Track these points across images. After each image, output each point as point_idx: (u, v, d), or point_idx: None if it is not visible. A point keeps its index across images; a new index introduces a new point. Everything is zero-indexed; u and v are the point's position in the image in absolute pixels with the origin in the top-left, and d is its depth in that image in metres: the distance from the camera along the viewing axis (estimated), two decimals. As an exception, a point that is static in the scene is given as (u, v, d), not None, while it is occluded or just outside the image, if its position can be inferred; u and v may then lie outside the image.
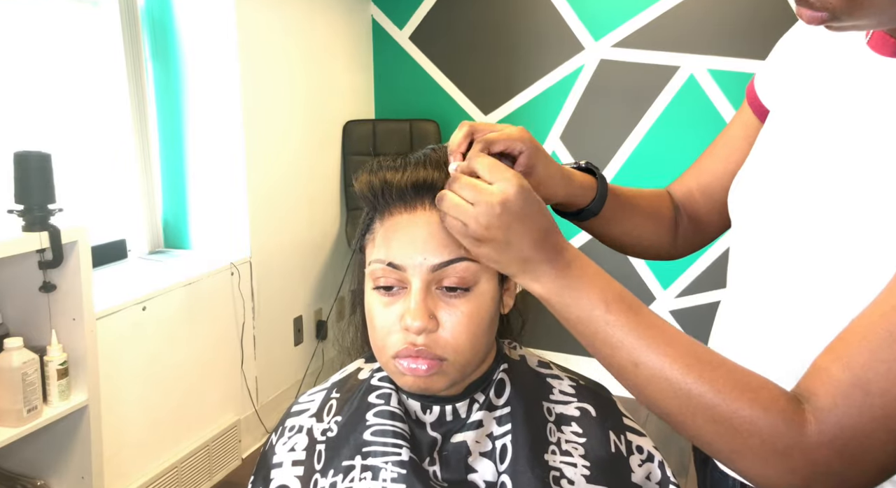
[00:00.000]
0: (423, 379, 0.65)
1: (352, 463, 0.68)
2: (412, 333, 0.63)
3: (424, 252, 0.63)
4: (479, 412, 0.70)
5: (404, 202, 0.65)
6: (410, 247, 0.64)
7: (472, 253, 0.61)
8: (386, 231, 0.66)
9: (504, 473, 0.67)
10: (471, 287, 0.65)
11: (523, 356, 0.78)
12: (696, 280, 2.78)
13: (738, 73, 2.57)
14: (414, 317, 0.62)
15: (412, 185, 0.65)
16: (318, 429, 0.74)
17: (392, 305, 0.65)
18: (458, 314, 0.64)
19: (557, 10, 2.77)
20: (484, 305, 0.66)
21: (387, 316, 0.65)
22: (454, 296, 0.65)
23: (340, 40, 2.90)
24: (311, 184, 2.79)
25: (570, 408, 0.73)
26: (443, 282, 0.64)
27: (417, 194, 0.65)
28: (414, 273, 0.64)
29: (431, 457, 0.68)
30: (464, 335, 0.64)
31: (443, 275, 0.64)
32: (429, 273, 0.64)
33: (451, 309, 0.64)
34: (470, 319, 0.65)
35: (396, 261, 0.64)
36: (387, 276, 0.65)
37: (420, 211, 0.65)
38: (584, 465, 0.69)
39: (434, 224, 0.64)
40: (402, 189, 0.65)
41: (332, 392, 0.78)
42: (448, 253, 0.63)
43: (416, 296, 0.63)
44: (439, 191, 0.61)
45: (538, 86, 2.87)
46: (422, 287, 0.64)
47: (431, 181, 0.65)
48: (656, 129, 2.73)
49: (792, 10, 2.45)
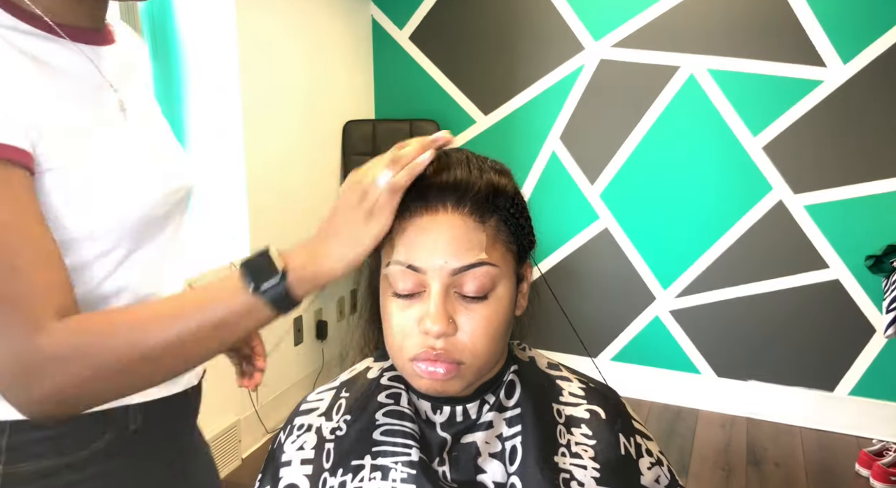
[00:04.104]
0: (440, 383, 0.64)
1: (361, 462, 0.68)
2: (431, 337, 0.63)
3: (445, 255, 0.63)
4: (490, 413, 0.70)
5: (426, 203, 0.64)
6: (431, 249, 0.63)
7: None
8: (406, 232, 0.65)
9: (514, 474, 0.67)
10: (489, 293, 0.65)
11: (532, 357, 0.78)
12: (696, 280, 2.78)
13: (738, 73, 2.58)
14: (434, 321, 0.62)
15: (435, 187, 0.64)
16: (328, 428, 0.73)
17: (410, 308, 0.65)
18: (477, 318, 0.64)
19: (557, 10, 2.77)
20: (501, 309, 0.66)
21: (404, 318, 0.65)
22: (473, 301, 0.64)
23: (340, 40, 2.90)
24: (311, 184, 2.78)
25: (579, 410, 0.73)
26: (462, 288, 0.64)
27: (440, 195, 0.64)
28: (434, 276, 0.63)
29: (441, 458, 0.68)
30: (482, 339, 0.64)
31: (462, 280, 0.64)
32: (449, 276, 0.63)
33: (470, 313, 0.64)
34: (489, 323, 0.65)
35: (417, 264, 0.63)
36: (405, 278, 0.64)
37: (442, 213, 0.64)
38: (594, 468, 0.69)
39: (455, 227, 0.63)
40: (424, 190, 0.64)
41: (341, 391, 0.77)
42: (469, 257, 0.63)
43: (436, 299, 0.63)
44: (462, 192, 0.62)
45: (538, 86, 2.87)
46: (441, 290, 0.63)
47: (454, 182, 0.64)
48: (656, 129, 2.73)
49: (792, 10, 2.45)
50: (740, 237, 2.69)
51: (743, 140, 2.62)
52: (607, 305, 2.93)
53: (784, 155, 2.58)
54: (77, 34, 0.76)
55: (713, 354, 2.82)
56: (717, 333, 2.80)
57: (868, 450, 2.39)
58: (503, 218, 0.66)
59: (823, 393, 2.68)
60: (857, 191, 2.51)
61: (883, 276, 2.44)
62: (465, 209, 0.64)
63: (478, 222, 0.64)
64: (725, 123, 2.63)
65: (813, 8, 2.44)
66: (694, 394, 2.86)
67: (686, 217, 2.75)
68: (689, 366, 2.87)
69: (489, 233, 0.65)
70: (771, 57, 2.52)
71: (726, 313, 2.76)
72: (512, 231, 0.67)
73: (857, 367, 2.62)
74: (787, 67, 2.51)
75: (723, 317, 2.77)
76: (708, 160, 2.68)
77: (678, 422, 2.75)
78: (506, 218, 0.66)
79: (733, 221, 2.69)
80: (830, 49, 2.45)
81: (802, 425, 2.70)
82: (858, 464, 2.40)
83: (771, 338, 2.72)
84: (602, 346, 2.99)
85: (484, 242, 0.64)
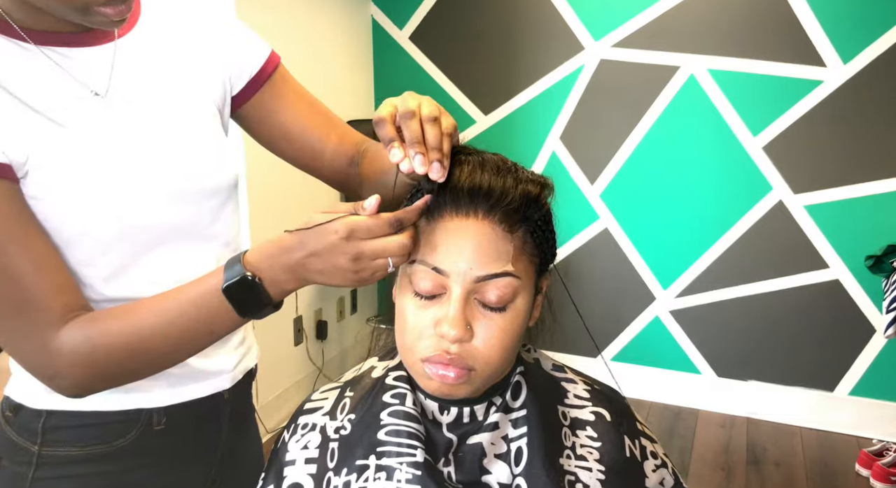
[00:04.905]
0: (449, 387, 0.64)
1: (366, 462, 0.68)
2: (447, 341, 0.63)
3: (471, 261, 0.63)
4: (496, 414, 0.69)
5: (457, 207, 0.64)
6: (458, 254, 0.63)
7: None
8: (434, 233, 0.64)
9: (519, 476, 0.67)
10: (508, 304, 0.64)
11: (538, 359, 0.78)
12: (696, 280, 2.78)
13: (738, 73, 2.58)
14: (452, 326, 0.62)
15: (468, 191, 0.64)
16: (332, 427, 0.73)
17: (428, 308, 0.65)
18: (494, 327, 0.64)
19: (557, 10, 2.77)
20: (518, 320, 0.66)
21: (421, 317, 0.65)
22: (492, 310, 0.64)
23: (340, 40, 2.90)
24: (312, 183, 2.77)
25: (584, 413, 0.73)
26: (483, 296, 0.64)
27: (472, 201, 0.64)
28: (456, 280, 0.63)
29: (446, 458, 0.68)
30: (496, 349, 0.64)
31: (484, 288, 0.63)
32: (472, 283, 0.63)
33: (488, 322, 0.64)
34: (504, 334, 0.64)
35: (441, 267, 0.63)
36: (428, 279, 0.64)
37: (472, 219, 0.64)
38: (600, 470, 0.69)
39: (483, 234, 0.63)
40: (457, 193, 0.64)
41: (345, 390, 0.77)
42: (495, 266, 0.63)
43: (456, 304, 0.63)
44: (495, 200, 0.63)
45: (538, 86, 2.86)
46: (462, 295, 0.63)
47: (489, 189, 0.64)
48: (656, 129, 2.73)
49: (792, 10, 2.45)
50: (740, 237, 2.69)
51: (743, 140, 2.62)
52: (607, 305, 2.93)
53: (784, 155, 2.58)
54: (46, 38, 0.73)
55: (713, 354, 2.82)
56: (717, 333, 2.80)
57: (868, 450, 2.40)
58: (531, 229, 0.66)
59: (823, 393, 2.68)
60: (856, 191, 2.51)
61: (883, 276, 2.44)
62: (495, 217, 0.64)
63: (506, 232, 0.64)
64: (725, 123, 2.63)
65: (813, 8, 2.44)
66: (694, 394, 2.86)
67: (686, 217, 2.75)
68: (689, 366, 2.87)
69: (516, 243, 0.65)
70: (771, 57, 2.53)
71: (726, 313, 2.77)
72: (537, 244, 0.67)
73: (857, 367, 2.62)
74: (787, 67, 2.51)
75: (723, 317, 2.77)
76: (708, 160, 2.68)
77: (678, 422, 2.75)
78: (533, 230, 0.66)
79: (733, 221, 2.69)
80: (830, 49, 2.45)
81: (802, 425, 2.71)
82: (858, 464, 2.40)
83: (771, 338, 2.72)
84: (602, 346, 2.99)
85: (511, 253, 0.64)
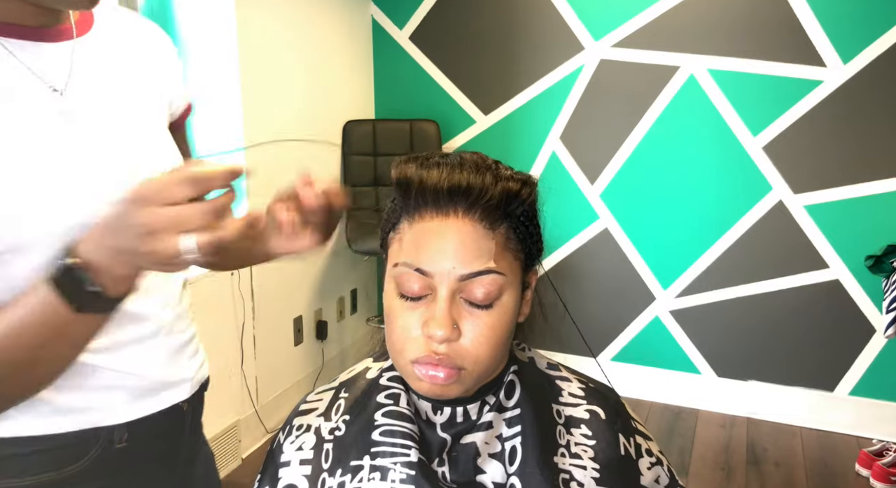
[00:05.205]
0: (440, 387, 0.64)
1: (360, 463, 0.68)
2: (435, 341, 0.63)
3: (454, 261, 0.63)
4: (489, 413, 0.70)
5: (437, 207, 0.64)
6: (440, 254, 0.63)
7: None
8: (415, 235, 0.65)
9: (513, 475, 0.67)
10: (494, 301, 0.64)
11: (532, 358, 0.78)
12: (696, 280, 2.78)
13: (738, 73, 2.58)
14: (439, 326, 0.62)
15: (447, 190, 0.64)
16: (326, 428, 0.73)
17: (415, 309, 0.65)
18: (481, 325, 0.64)
19: (557, 10, 2.77)
20: (506, 317, 0.66)
21: (408, 319, 0.65)
22: (478, 308, 0.64)
23: (340, 40, 2.90)
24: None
25: (579, 411, 0.73)
26: (469, 295, 0.64)
27: (451, 200, 0.64)
28: (441, 280, 0.63)
29: (440, 458, 0.68)
30: (485, 346, 0.64)
31: (469, 286, 0.63)
32: (456, 282, 0.63)
33: (475, 320, 0.64)
34: (492, 332, 0.64)
35: (425, 268, 0.63)
36: (413, 281, 0.64)
37: (453, 218, 0.64)
38: (594, 468, 0.69)
39: (465, 233, 0.63)
40: (436, 193, 0.64)
41: (340, 391, 0.78)
42: (477, 264, 0.63)
43: (442, 304, 0.63)
44: (473, 198, 0.62)
45: (538, 86, 2.86)
46: (448, 295, 0.63)
47: (467, 187, 0.64)
48: (656, 129, 2.73)
49: (792, 10, 2.45)
50: (740, 237, 2.69)
51: (743, 140, 2.62)
52: (607, 305, 2.93)
53: (784, 155, 2.57)
54: (3, 29, 0.70)
55: (713, 354, 2.82)
56: (717, 333, 2.80)
57: (868, 450, 2.39)
58: (513, 226, 0.66)
59: (823, 393, 2.68)
60: (857, 191, 2.51)
61: (883, 276, 2.44)
62: (475, 215, 0.64)
63: (488, 229, 0.64)
64: (725, 123, 2.63)
65: (813, 8, 2.44)
66: (694, 394, 2.86)
67: (686, 217, 2.75)
68: (689, 366, 2.87)
69: (498, 240, 0.64)
70: (771, 57, 2.52)
71: (726, 313, 2.76)
72: (521, 239, 0.67)
73: (857, 367, 2.62)
74: (787, 67, 2.51)
75: (723, 317, 2.77)
76: (708, 160, 2.68)
77: (678, 422, 2.75)
78: (516, 226, 0.66)
79: (733, 221, 2.69)
80: (830, 49, 2.44)
81: (802, 425, 2.70)
82: (858, 464, 2.40)
83: (771, 338, 2.72)
84: (602, 346, 2.99)
85: (493, 250, 0.64)
